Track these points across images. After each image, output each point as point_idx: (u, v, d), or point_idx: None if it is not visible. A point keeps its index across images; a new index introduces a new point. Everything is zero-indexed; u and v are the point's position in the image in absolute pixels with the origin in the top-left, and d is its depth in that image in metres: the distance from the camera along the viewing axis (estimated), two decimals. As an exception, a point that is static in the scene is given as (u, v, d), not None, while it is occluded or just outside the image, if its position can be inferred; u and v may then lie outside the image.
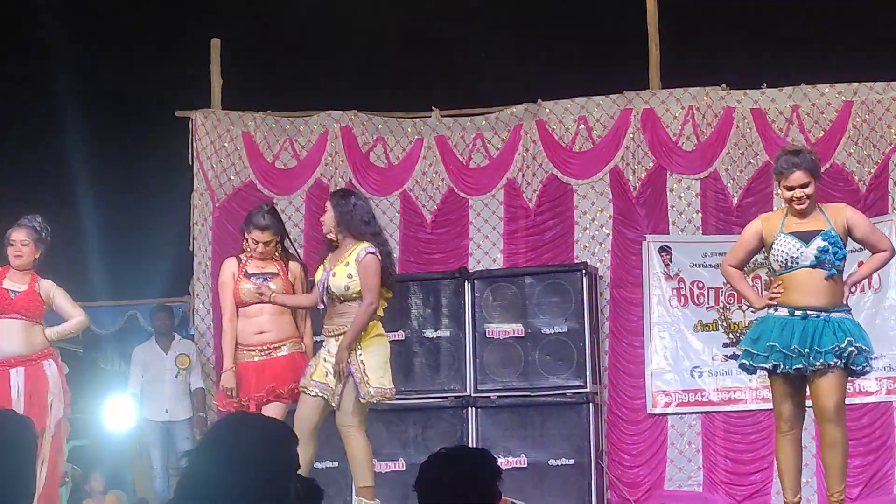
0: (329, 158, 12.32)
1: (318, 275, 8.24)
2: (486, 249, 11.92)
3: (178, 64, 13.24)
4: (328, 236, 8.24)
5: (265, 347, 8.52)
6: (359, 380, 7.91)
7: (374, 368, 7.97)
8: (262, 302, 8.42)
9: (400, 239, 12.09)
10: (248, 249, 8.65)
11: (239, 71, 12.82)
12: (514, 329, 10.88)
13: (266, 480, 3.54)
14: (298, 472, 3.73)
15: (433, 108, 12.28)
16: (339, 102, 12.46)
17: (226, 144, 12.48)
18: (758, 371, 7.88)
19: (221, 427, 3.73)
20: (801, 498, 7.85)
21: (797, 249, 7.60)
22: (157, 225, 14.04)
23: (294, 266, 8.76)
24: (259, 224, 8.56)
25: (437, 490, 4.21)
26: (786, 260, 7.65)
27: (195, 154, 12.47)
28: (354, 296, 7.99)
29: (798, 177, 7.62)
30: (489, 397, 10.79)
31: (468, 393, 10.76)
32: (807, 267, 7.59)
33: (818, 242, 7.57)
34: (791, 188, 7.64)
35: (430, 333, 11.05)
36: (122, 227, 14.92)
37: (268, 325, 8.52)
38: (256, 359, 8.51)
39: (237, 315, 8.54)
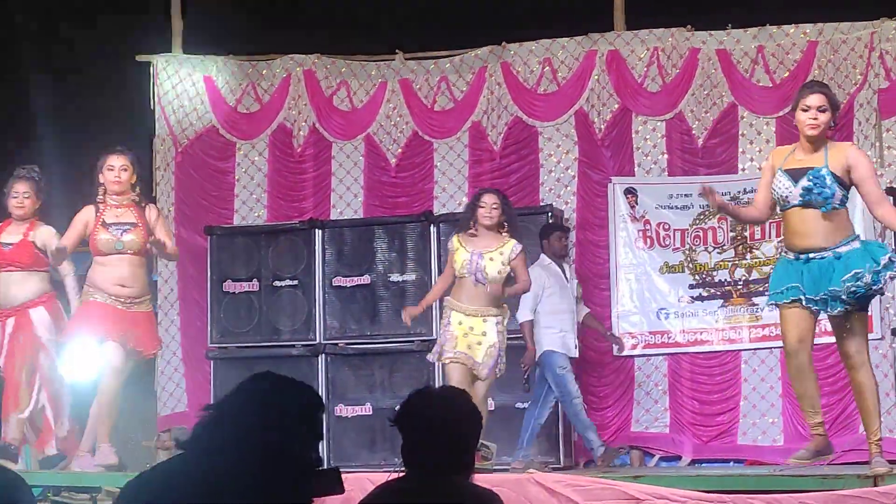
0: (292, 102, 12.25)
1: (463, 256, 8.80)
2: (452, 193, 11.89)
3: (138, 8, 13.04)
4: (484, 223, 8.86)
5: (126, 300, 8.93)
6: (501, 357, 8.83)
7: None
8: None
9: (364, 183, 12.05)
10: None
11: (199, 15, 12.64)
12: (481, 272, 10.77)
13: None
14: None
15: (397, 50, 12.20)
16: (302, 46, 12.35)
17: (188, 89, 12.38)
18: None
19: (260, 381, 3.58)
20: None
21: (787, 189, 7.43)
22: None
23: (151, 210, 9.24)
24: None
25: (421, 426, 4.15)
26: (779, 198, 7.52)
27: (157, 99, 12.37)
28: (500, 281, 8.81)
29: (816, 99, 7.47)
30: (456, 341, 10.68)
31: (434, 336, 10.68)
32: (797, 206, 7.42)
33: (804, 182, 7.36)
34: (807, 109, 7.46)
35: (395, 277, 11.00)
36: (84, 174, 14.71)
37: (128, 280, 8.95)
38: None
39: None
